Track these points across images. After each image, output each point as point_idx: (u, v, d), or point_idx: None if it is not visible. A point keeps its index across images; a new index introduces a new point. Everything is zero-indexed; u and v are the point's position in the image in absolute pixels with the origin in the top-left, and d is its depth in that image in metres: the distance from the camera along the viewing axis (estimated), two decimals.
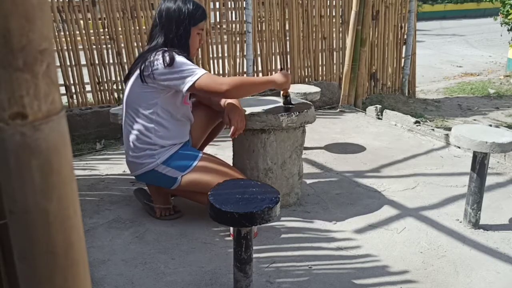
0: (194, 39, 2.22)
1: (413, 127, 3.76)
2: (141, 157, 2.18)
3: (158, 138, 2.15)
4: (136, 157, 2.19)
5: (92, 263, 1.97)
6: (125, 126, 2.23)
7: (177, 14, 2.15)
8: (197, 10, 2.19)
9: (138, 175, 2.25)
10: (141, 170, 2.20)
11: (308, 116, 2.34)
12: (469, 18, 13.99)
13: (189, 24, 2.17)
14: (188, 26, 2.17)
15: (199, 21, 2.20)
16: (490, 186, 2.71)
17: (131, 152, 2.20)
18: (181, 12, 2.15)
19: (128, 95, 2.18)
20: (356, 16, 4.22)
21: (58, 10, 3.47)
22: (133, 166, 2.24)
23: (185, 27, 2.16)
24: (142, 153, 2.17)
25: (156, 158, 2.15)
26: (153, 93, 2.11)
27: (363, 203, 2.55)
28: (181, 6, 2.16)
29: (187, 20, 2.16)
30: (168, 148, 2.17)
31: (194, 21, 2.18)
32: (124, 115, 2.23)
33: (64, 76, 3.59)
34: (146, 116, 2.13)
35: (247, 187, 1.78)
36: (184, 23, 2.16)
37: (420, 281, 1.89)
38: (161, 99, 2.12)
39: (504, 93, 5.60)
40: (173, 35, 2.15)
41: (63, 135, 0.55)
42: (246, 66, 4.25)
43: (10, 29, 0.49)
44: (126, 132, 2.22)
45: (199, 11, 2.19)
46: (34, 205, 0.53)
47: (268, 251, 2.08)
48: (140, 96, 2.13)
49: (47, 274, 0.57)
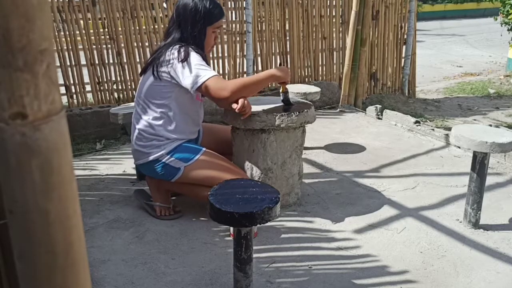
0: (210, 38, 2.23)
1: (413, 127, 3.76)
2: (147, 146, 2.23)
3: (166, 131, 2.21)
4: (142, 146, 2.25)
5: (92, 263, 1.96)
6: (135, 116, 2.29)
7: (194, 12, 2.15)
8: (214, 9, 2.18)
9: (141, 164, 2.30)
10: (146, 159, 2.25)
11: (308, 116, 2.34)
12: (469, 18, 13.98)
13: (205, 23, 2.18)
14: (204, 25, 2.18)
15: (216, 20, 2.20)
16: (490, 186, 2.71)
17: (138, 141, 2.27)
18: (197, 11, 2.15)
19: (142, 87, 2.24)
20: (356, 16, 4.22)
21: (58, 10, 3.47)
22: (138, 155, 2.29)
23: (201, 26, 2.17)
24: (148, 143, 2.23)
25: (162, 148, 2.21)
26: (167, 87, 2.17)
27: (363, 203, 2.55)
28: (198, 4, 2.15)
29: (203, 20, 2.17)
30: (173, 141, 2.23)
31: (210, 20, 2.19)
32: (136, 104, 2.29)
33: (64, 76, 3.59)
34: (157, 109, 2.20)
35: (247, 187, 1.78)
36: (200, 22, 2.16)
37: (420, 281, 1.89)
38: (175, 94, 2.18)
39: (504, 93, 5.60)
40: (188, 33, 2.17)
41: (63, 135, 0.55)
42: (246, 66, 4.25)
43: (10, 29, 0.49)
44: (135, 122, 2.28)
45: (216, 9, 2.19)
46: (34, 205, 0.53)
47: (268, 251, 2.08)
48: (154, 89, 2.19)
49: (47, 274, 0.57)
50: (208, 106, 3.77)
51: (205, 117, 3.82)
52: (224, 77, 4.21)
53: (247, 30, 4.14)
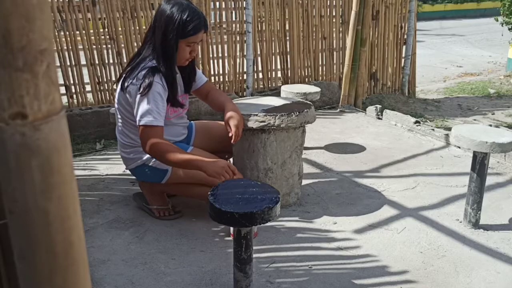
0: (183, 51, 2.08)
1: (413, 127, 3.76)
2: (131, 152, 2.24)
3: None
4: (127, 153, 2.26)
5: (92, 263, 1.97)
6: (117, 122, 2.27)
7: (167, 22, 2.01)
8: (190, 23, 2.01)
9: (131, 170, 2.31)
10: (133, 165, 2.26)
11: (308, 116, 2.34)
12: (469, 18, 13.97)
13: (177, 35, 2.02)
14: (176, 38, 2.02)
15: (190, 35, 2.04)
16: (490, 186, 2.71)
17: (122, 148, 2.28)
18: (171, 21, 2.00)
19: (116, 96, 2.20)
20: (356, 16, 4.22)
21: (58, 10, 3.47)
22: (125, 161, 2.31)
23: (173, 38, 2.02)
24: (131, 149, 2.23)
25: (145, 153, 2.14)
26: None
27: (363, 203, 2.55)
28: (175, 14, 2.00)
29: (175, 31, 2.01)
30: None
31: (183, 34, 2.02)
32: (115, 111, 2.26)
33: (64, 76, 3.59)
34: (130, 117, 2.14)
35: (247, 187, 1.78)
36: (172, 33, 2.01)
37: (420, 281, 1.89)
38: None
39: (504, 93, 5.60)
40: (158, 42, 2.05)
41: (63, 135, 0.55)
42: (246, 66, 4.25)
43: (10, 29, 0.49)
44: (117, 129, 2.28)
45: (191, 24, 2.01)
46: (34, 205, 0.53)
47: (268, 251, 2.08)
48: (123, 98, 2.14)
49: (47, 274, 0.57)
50: (208, 106, 3.76)
51: (205, 117, 3.83)
52: (224, 77, 4.21)
53: (247, 30, 4.14)
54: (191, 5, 2.07)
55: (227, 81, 4.25)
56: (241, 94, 4.28)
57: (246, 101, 2.55)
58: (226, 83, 4.24)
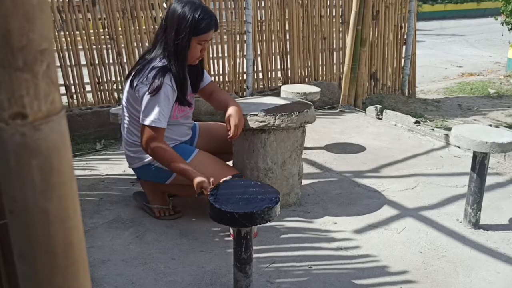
0: (194, 49, 2.12)
1: (413, 127, 3.76)
2: (137, 152, 2.23)
3: None
4: (132, 152, 2.26)
5: (92, 263, 1.97)
6: (122, 120, 2.28)
7: (180, 20, 2.05)
8: (203, 21, 2.06)
9: (135, 168, 2.31)
10: (137, 164, 2.26)
11: (308, 116, 2.34)
12: (469, 18, 13.97)
13: (190, 33, 2.06)
14: (189, 35, 2.06)
15: (202, 33, 2.08)
16: (490, 186, 2.71)
17: (127, 146, 2.28)
18: (184, 19, 2.04)
19: (125, 94, 2.22)
20: (356, 16, 4.22)
21: (58, 10, 3.47)
22: (130, 160, 2.31)
23: (185, 36, 2.06)
24: (137, 148, 2.22)
25: None
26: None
27: (363, 203, 2.55)
28: (187, 12, 2.05)
29: (188, 29, 2.05)
30: None
31: (196, 32, 2.07)
32: (122, 110, 2.27)
33: (64, 76, 3.59)
34: (138, 116, 2.15)
35: (247, 187, 1.78)
36: (185, 31, 2.05)
37: (420, 281, 1.89)
38: None
39: (504, 93, 5.60)
40: (171, 40, 2.08)
41: (63, 135, 0.55)
42: (246, 66, 4.25)
43: (10, 29, 0.49)
44: (122, 127, 2.29)
45: (204, 22, 2.06)
46: (34, 205, 0.53)
47: (268, 251, 2.08)
48: (132, 96, 2.16)
49: (46, 274, 0.57)
50: (208, 106, 3.77)
51: (205, 117, 3.83)
52: (224, 77, 4.21)
53: (247, 30, 4.14)
54: (202, 4, 2.11)
55: (227, 81, 4.25)
56: (241, 94, 4.28)
57: (246, 101, 2.55)
58: (226, 83, 4.24)
